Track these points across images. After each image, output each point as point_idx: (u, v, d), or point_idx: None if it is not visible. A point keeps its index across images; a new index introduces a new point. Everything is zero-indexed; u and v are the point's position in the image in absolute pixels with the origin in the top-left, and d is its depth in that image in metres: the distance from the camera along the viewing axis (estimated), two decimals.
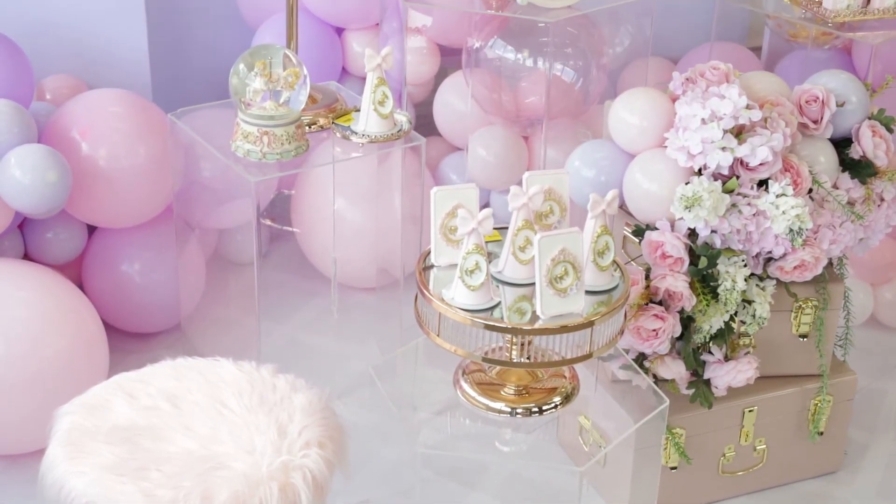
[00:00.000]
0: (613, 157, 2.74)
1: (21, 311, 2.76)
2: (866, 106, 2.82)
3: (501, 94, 3.38)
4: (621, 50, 3.50)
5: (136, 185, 3.02)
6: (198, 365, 2.30)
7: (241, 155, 2.75)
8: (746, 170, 2.62)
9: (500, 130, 3.43)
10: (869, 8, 3.12)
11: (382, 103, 2.79)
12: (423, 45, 3.49)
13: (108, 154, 2.99)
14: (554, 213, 2.43)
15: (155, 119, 3.07)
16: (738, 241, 2.63)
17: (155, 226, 3.16)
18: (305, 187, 3.36)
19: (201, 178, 3.07)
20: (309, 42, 3.46)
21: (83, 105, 3.04)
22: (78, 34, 3.39)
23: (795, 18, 3.29)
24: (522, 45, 3.31)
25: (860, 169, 2.80)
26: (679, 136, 2.61)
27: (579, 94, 3.36)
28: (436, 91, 3.56)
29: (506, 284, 2.32)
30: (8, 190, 2.81)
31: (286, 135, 2.73)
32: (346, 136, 2.84)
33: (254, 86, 2.72)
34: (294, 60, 2.76)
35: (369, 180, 3.18)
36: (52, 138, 2.99)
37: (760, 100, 2.71)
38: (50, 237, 3.08)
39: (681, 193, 2.57)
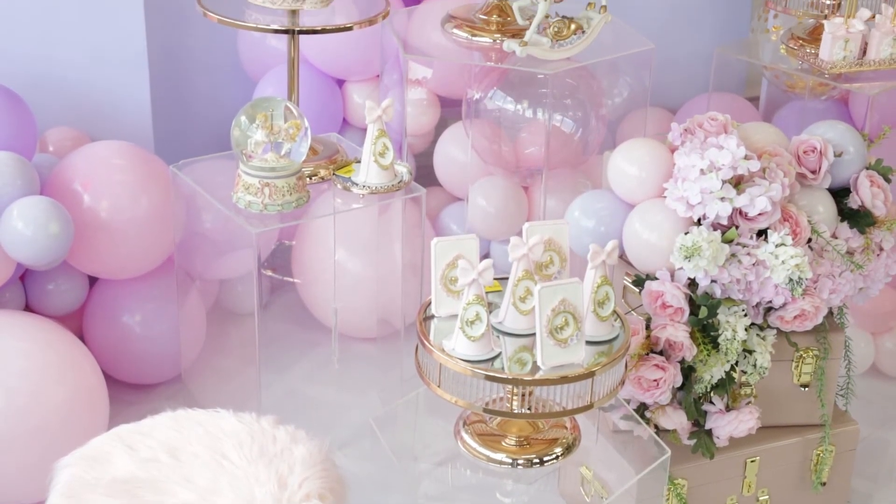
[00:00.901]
0: (613, 207, 2.75)
1: (22, 363, 2.76)
2: (864, 156, 2.83)
3: (501, 145, 3.40)
4: (620, 101, 3.52)
5: (137, 236, 3.03)
6: (198, 416, 2.30)
7: (242, 206, 2.77)
8: (745, 220, 2.63)
9: (500, 181, 3.45)
10: (865, 59, 3.15)
11: (383, 155, 2.80)
12: (423, 97, 3.51)
13: (109, 206, 3.00)
14: (554, 264, 2.43)
15: (157, 171, 3.09)
16: (738, 290, 2.63)
17: (156, 277, 3.17)
18: (306, 238, 3.37)
19: (203, 230, 3.08)
20: (310, 94, 3.49)
21: (85, 157, 3.06)
22: (81, 86, 3.41)
23: (792, 70, 3.32)
24: (522, 96, 3.33)
25: (859, 219, 2.81)
26: (678, 186, 2.62)
27: (579, 144, 3.38)
28: (436, 142, 3.58)
29: (506, 335, 2.32)
30: (10, 241, 2.82)
31: (287, 186, 2.74)
32: (346, 188, 2.85)
33: (255, 138, 2.73)
34: (295, 112, 2.78)
35: (370, 231, 3.19)
36: (54, 190, 3.00)
37: (759, 150, 2.72)
38: (51, 288, 3.08)
39: (680, 243, 2.58)
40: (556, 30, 3.07)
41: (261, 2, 2.90)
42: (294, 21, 2.94)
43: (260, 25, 2.92)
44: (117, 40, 3.39)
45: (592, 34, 3.12)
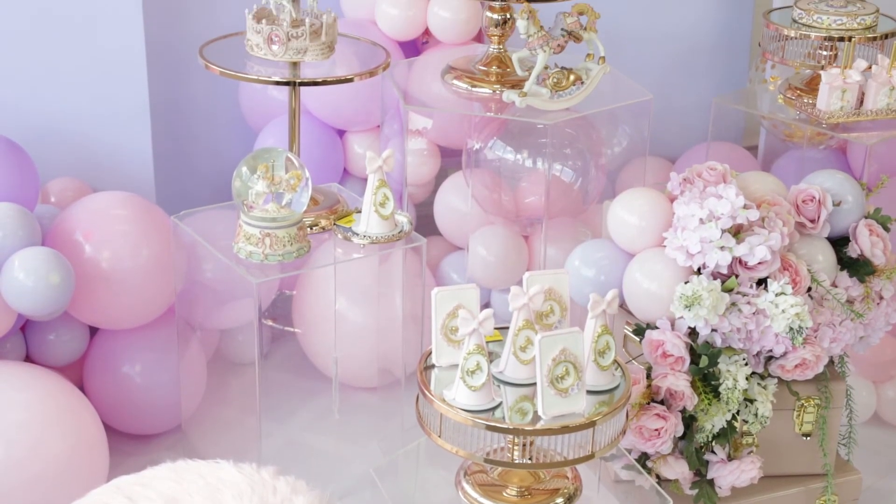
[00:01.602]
0: (613, 256, 2.76)
1: (21, 414, 2.76)
2: (862, 205, 2.84)
3: (501, 194, 3.41)
4: (619, 150, 3.54)
5: (138, 286, 3.04)
6: (198, 467, 2.29)
7: (243, 256, 2.77)
8: (745, 269, 2.63)
9: (500, 230, 3.46)
10: (862, 109, 3.17)
11: (383, 205, 2.82)
12: (423, 147, 3.53)
13: (111, 256, 3.01)
14: (554, 313, 2.44)
15: (158, 221, 3.10)
16: (738, 339, 2.63)
17: (157, 327, 3.17)
18: (307, 288, 3.37)
19: (203, 280, 3.09)
20: (311, 144, 3.51)
21: (87, 207, 3.07)
22: (83, 137, 3.43)
23: (790, 119, 3.34)
24: (522, 146, 3.35)
25: (858, 267, 2.82)
26: (678, 235, 2.63)
27: (578, 193, 3.39)
28: (436, 191, 3.59)
29: (507, 384, 2.32)
30: (11, 292, 2.83)
31: (288, 236, 2.75)
32: (347, 238, 2.86)
33: (256, 188, 2.75)
34: (296, 163, 2.80)
35: (370, 281, 3.20)
36: (55, 240, 3.01)
37: (757, 199, 2.73)
38: (52, 339, 3.08)
39: (680, 293, 2.58)
40: (555, 80, 3.10)
41: (262, 54, 2.92)
42: (295, 73, 2.96)
43: (261, 77, 2.95)
44: (119, 91, 3.41)
45: (591, 85, 3.14)
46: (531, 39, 3.05)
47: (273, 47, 2.90)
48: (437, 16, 3.57)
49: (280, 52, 2.91)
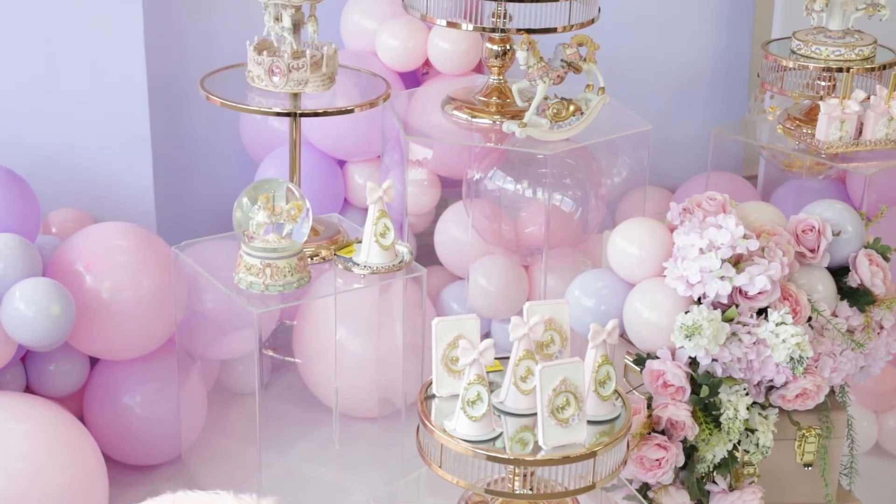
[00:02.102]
0: (613, 286, 2.76)
1: (21, 445, 2.75)
2: (862, 235, 2.85)
3: (501, 224, 3.42)
4: (619, 180, 3.55)
5: (138, 317, 3.04)
6: (198, 498, 2.28)
7: (243, 287, 2.78)
8: (745, 298, 2.64)
9: (500, 260, 3.46)
10: (861, 139, 3.18)
11: (384, 235, 2.82)
12: (423, 177, 3.54)
13: (111, 286, 3.01)
14: (555, 343, 2.44)
15: (158, 252, 3.10)
16: (739, 369, 2.63)
17: (157, 357, 3.17)
18: (307, 318, 3.37)
19: (204, 310, 3.09)
20: (311, 174, 3.52)
21: (88, 238, 3.08)
22: (84, 168, 3.44)
23: (789, 149, 3.36)
24: (522, 176, 3.36)
25: (858, 297, 2.82)
26: (678, 265, 2.63)
27: (578, 223, 3.40)
28: (437, 221, 3.60)
29: (507, 415, 2.31)
30: (12, 323, 2.83)
31: (289, 267, 2.76)
32: (347, 268, 2.87)
33: (257, 219, 2.75)
34: (297, 194, 2.80)
35: (371, 311, 3.20)
36: (56, 271, 3.01)
37: (757, 229, 2.74)
38: (52, 369, 3.08)
39: (681, 322, 2.58)
40: (555, 111, 3.11)
41: (263, 85, 2.94)
42: (296, 104, 2.98)
43: (262, 108, 2.96)
44: (121, 123, 3.43)
45: (591, 115, 3.15)
46: (531, 70, 3.06)
47: (274, 79, 2.92)
48: (438, 47, 3.59)
49: (281, 83, 2.92)
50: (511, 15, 3.08)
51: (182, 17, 3.62)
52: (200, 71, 3.13)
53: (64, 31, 3.33)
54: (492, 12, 3.09)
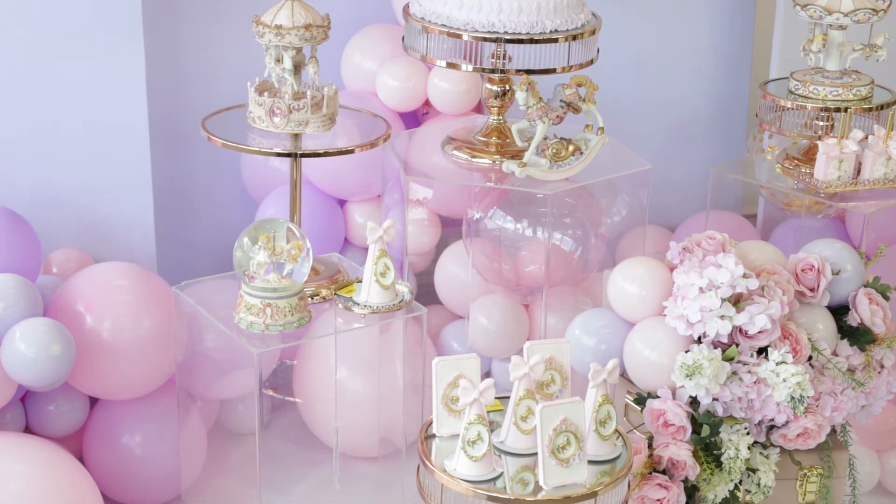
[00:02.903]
0: (613, 325, 2.76)
1: (21, 486, 2.74)
2: (861, 274, 2.86)
3: (501, 263, 3.42)
4: (619, 219, 3.56)
5: (139, 356, 3.04)
6: None
7: (244, 327, 2.78)
8: (746, 337, 2.64)
9: (500, 299, 3.47)
10: (859, 179, 3.20)
11: (384, 274, 2.83)
12: (424, 217, 3.55)
13: (112, 326, 3.01)
14: (555, 383, 2.44)
15: (159, 291, 3.11)
16: (739, 408, 2.63)
17: (157, 397, 3.16)
18: (307, 357, 3.37)
19: (204, 350, 3.09)
20: (312, 214, 3.53)
21: (89, 278, 3.08)
22: (85, 208, 3.45)
23: (788, 189, 3.37)
24: (521, 215, 3.37)
25: (859, 336, 2.82)
26: (678, 304, 2.64)
27: (578, 262, 3.40)
28: (437, 260, 3.60)
29: (508, 454, 2.31)
30: (12, 363, 2.83)
31: (289, 307, 2.76)
32: (348, 307, 2.87)
33: (257, 259, 2.76)
34: (297, 234, 2.81)
35: (371, 350, 3.20)
36: (57, 311, 3.02)
37: (757, 268, 2.74)
38: (52, 409, 3.07)
39: (681, 362, 2.58)
40: (554, 151, 3.12)
41: (264, 126, 2.95)
42: (297, 144, 2.99)
43: (263, 149, 2.97)
44: (122, 163, 3.44)
45: (590, 155, 3.17)
46: (530, 111, 3.08)
47: (275, 119, 2.93)
48: (438, 87, 3.61)
49: (282, 124, 2.93)
50: (510, 56, 3.11)
51: (183, 58, 3.65)
52: (202, 112, 3.15)
53: (66, 71, 3.35)
54: (491, 53, 3.12)
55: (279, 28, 2.88)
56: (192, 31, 3.64)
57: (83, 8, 3.31)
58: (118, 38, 3.35)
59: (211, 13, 3.65)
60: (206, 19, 3.65)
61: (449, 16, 3.10)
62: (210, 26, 3.66)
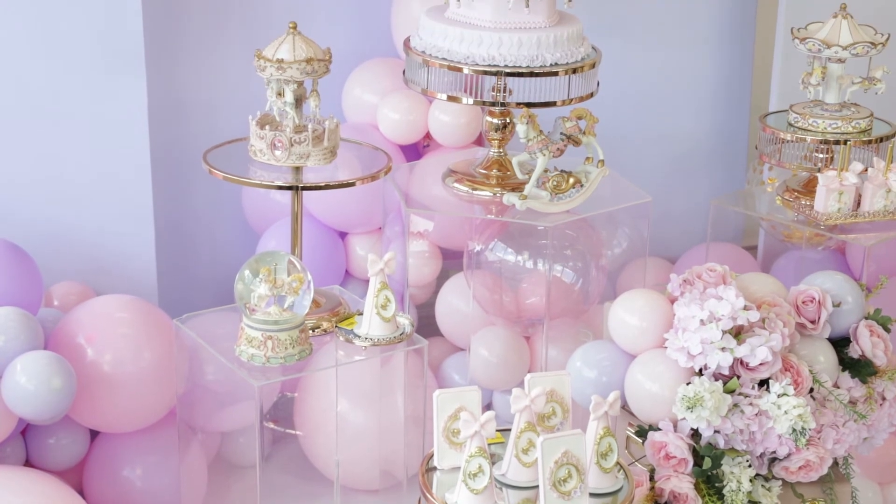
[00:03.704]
0: (614, 357, 2.76)
1: None
2: (862, 306, 2.86)
3: (502, 295, 3.42)
4: (619, 251, 3.56)
5: (140, 389, 3.04)
6: None
7: (245, 359, 2.78)
8: (747, 370, 2.64)
9: (501, 331, 3.46)
10: (859, 211, 3.20)
11: (385, 307, 2.83)
12: (425, 249, 3.55)
13: (113, 359, 3.01)
14: (556, 415, 2.43)
15: (160, 324, 3.11)
16: (741, 441, 2.62)
17: (158, 430, 3.16)
18: (308, 390, 3.37)
19: (205, 382, 3.09)
20: (313, 246, 3.53)
21: (90, 311, 3.09)
22: (87, 242, 3.46)
23: (789, 221, 3.37)
24: (522, 247, 3.37)
25: (860, 368, 2.82)
26: (678, 336, 2.64)
27: (579, 294, 3.40)
28: (438, 292, 3.61)
29: (509, 487, 2.30)
30: (13, 396, 2.82)
31: (290, 339, 2.76)
32: (349, 340, 2.87)
33: (259, 291, 2.76)
34: (298, 266, 2.82)
35: (372, 383, 3.20)
36: (58, 344, 3.02)
37: (758, 300, 2.75)
38: (52, 443, 3.07)
39: (682, 394, 2.58)
40: (555, 183, 3.13)
41: (265, 159, 2.96)
42: (298, 177, 3.00)
43: (264, 182, 2.98)
44: (123, 195, 3.45)
45: (591, 187, 3.18)
46: (531, 143, 3.09)
47: (276, 152, 2.94)
48: (438, 120, 3.63)
49: (283, 157, 2.94)
50: (511, 89, 3.12)
51: (185, 91, 3.66)
52: (203, 145, 3.16)
53: (69, 105, 3.37)
54: (492, 86, 3.13)
55: (281, 62, 2.89)
56: (194, 64, 3.66)
57: (85, 42, 3.33)
58: (120, 72, 3.37)
59: (212, 47, 3.67)
60: (208, 53, 3.67)
61: (449, 49, 3.12)
62: (211, 60, 3.68)
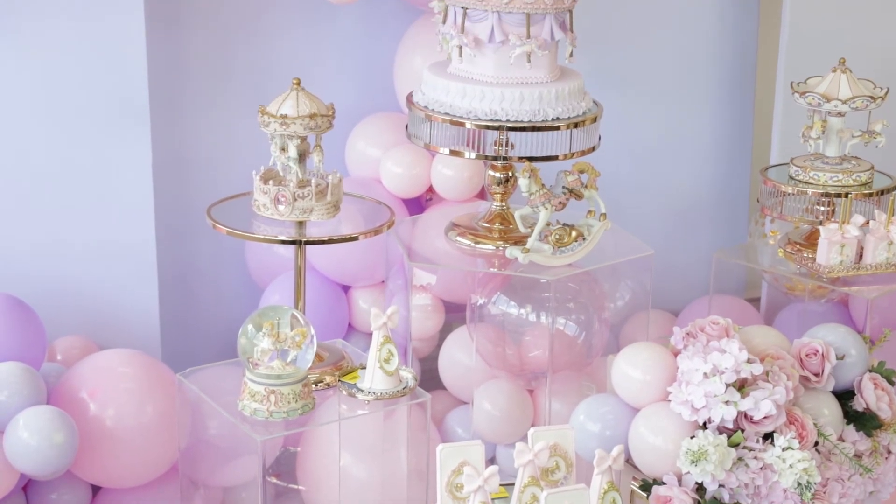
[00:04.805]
0: (618, 411, 2.75)
1: None
2: (866, 359, 2.85)
3: (505, 349, 3.42)
4: (622, 304, 3.56)
5: (142, 444, 3.03)
6: None
7: (247, 414, 2.77)
8: (751, 423, 2.63)
9: (504, 384, 3.46)
10: (861, 263, 3.21)
11: (388, 361, 2.83)
12: (428, 302, 3.56)
13: (115, 414, 3.01)
14: (560, 469, 2.43)
15: (163, 378, 3.10)
16: (746, 495, 2.61)
17: (160, 485, 3.14)
18: (311, 444, 3.35)
19: (208, 437, 3.08)
20: (316, 300, 3.53)
21: (93, 365, 3.09)
22: (90, 296, 3.46)
23: (791, 273, 3.38)
24: (525, 300, 3.38)
25: (865, 421, 2.81)
26: (682, 390, 2.63)
27: (582, 347, 3.40)
28: (441, 346, 3.60)
29: None
30: (14, 452, 2.82)
31: (293, 393, 2.76)
32: (352, 394, 2.87)
33: (262, 346, 2.76)
34: (301, 321, 2.82)
35: (375, 437, 3.18)
36: (61, 399, 3.01)
37: (761, 353, 2.74)
38: (54, 498, 3.05)
39: (686, 447, 2.57)
40: (557, 237, 3.14)
41: (269, 213, 2.97)
42: (301, 232, 3.01)
43: (268, 237, 2.99)
44: (127, 250, 3.46)
45: (593, 241, 3.19)
46: (533, 197, 3.10)
47: (280, 207, 2.96)
48: (441, 174, 3.65)
49: (286, 211, 2.96)
50: (513, 143, 3.14)
51: (189, 147, 3.68)
52: (207, 199, 3.17)
53: (73, 159, 3.39)
54: (494, 140, 3.15)
55: (284, 117, 2.91)
56: (198, 119, 3.69)
57: (90, 96, 3.36)
58: (125, 127, 3.39)
59: (216, 103, 3.70)
60: (212, 109, 3.70)
61: (452, 104, 3.14)
62: (215, 115, 3.70)
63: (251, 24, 3.68)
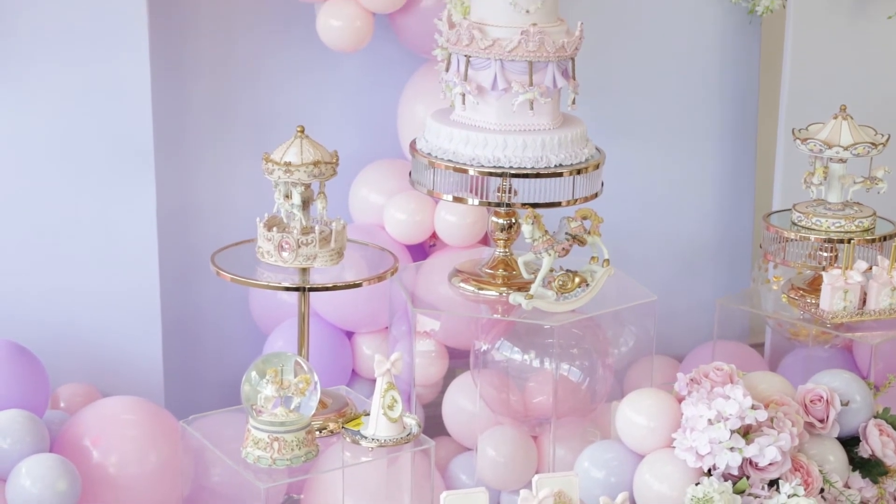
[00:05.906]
0: (622, 457, 2.75)
1: None
2: (871, 405, 2.85)
3: (509, 395, 3.41)
4: (626, 350, 3.56)
5: (145, 492, 3.01)
6: None
7: (251, 461, 2.76)
8: (756, 470, 2.62)
9: (508, 430, 3.45)
10: (865, 309, 3.21)
11: (392, 407, 2.82)
12: (431, 348, 3.55)
13: (118, 461, 3.00)
14: None
15: (166, 426, 3.10)
16: None
17: None
18: (315, 491, 3.34)
19: (211, 484, 3.07)
20: (320, 346, 3.53)
21: (96, 413, 3.08)
22: (94, 343, 3.46)
23: (795, 319, 3.38)
24: (529, 346, 3.37)
25: (870, 468, 2.80)
26: (686, 436, 2.63)
27: (586, 393, 3.39)
28: (444, 392, 3.59)
29: None
30: (17, 500, 2.81)
31: (296, 440, 2.75)
32: (355, 441, 2.86)
33: (265, 393, 2.76)
34: (305, 367, 2.82)
35: (379, 484, 3.17)
36: (64, 446, 3.01)
37: (765, 399, 2.74)
38: None
39: (691, 494, 2.56)
40: (560, 283, 3.15)
41: (272, 260, 2.98)
42: (305, 279, 3.01)
43: (272, 283, 2.99)
44: (131, 297, 3.46)
45: (596, 287, 3.19)
46: (536, 243, 3.11)
47: (283, 254, 2.96)
48: (444, 220, 3.65)
49: (290, 258, 2.96)
50: (516, 189, 3.15)
51: (193, 194, 3.70)
52: (211, 247, 3.18)
53: (77, 206, 3.40)
54: (497, 187, 3.16)
55: (288, 165, 2.93)
56: (202, 167, 3.71)
57: (95, 143, 3.38)
58: (129, 175, 3.41)
59: (220, 151, 3.72)
60: (216, 156, 3.72)
61: (455, 151, 3.16)
62: (219, 163, 3.72)
63: (255, 72, 3.71)
